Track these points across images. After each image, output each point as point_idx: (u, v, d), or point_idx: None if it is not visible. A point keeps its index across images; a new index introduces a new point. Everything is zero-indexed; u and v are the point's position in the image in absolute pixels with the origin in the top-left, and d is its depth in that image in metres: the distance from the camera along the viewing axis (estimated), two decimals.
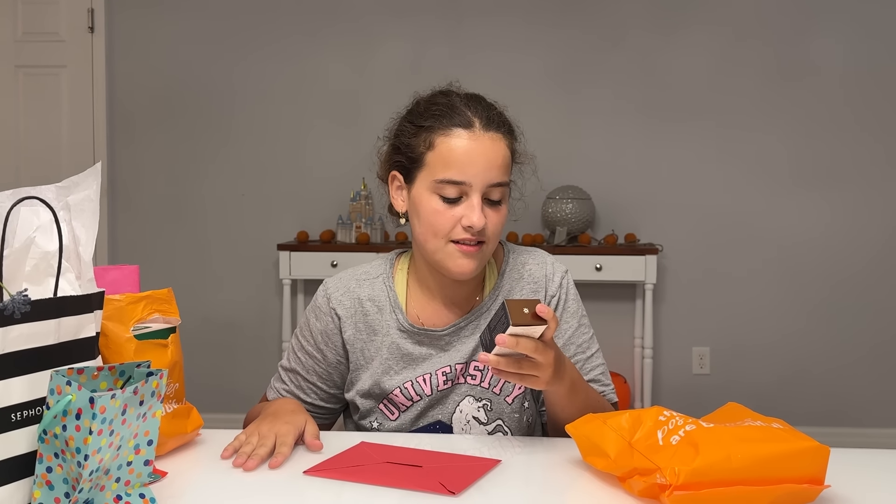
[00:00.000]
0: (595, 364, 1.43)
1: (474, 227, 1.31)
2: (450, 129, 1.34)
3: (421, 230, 1.37)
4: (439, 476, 1.02)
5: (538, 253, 1.48)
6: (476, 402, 1.39)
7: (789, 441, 0.96)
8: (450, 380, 1.39)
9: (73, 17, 3.94)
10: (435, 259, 1.36)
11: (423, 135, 1.36)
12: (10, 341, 0.86)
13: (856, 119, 3.77)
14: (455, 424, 1.39)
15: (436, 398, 1.39)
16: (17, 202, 0.92)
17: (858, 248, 3.78)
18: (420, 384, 1.39)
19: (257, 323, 3.97)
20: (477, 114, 1.35)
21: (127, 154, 4.00)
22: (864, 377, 3.80)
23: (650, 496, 0.97)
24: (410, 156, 1.37)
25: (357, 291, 1.44)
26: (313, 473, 1.06)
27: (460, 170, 1.32)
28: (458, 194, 1.33)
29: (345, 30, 3.90)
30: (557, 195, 3.66)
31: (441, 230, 1.33)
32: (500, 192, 1.35)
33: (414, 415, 1.40)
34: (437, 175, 1.33)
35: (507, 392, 1.39)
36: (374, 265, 1.48)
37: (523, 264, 1.46)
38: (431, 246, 1.35)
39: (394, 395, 1.39)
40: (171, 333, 1.20)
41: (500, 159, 1.34)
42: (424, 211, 1.35)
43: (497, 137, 1.35)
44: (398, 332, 1.41)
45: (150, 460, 0.95)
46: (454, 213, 1.33)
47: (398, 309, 1.42)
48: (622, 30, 3.83)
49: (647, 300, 3.68)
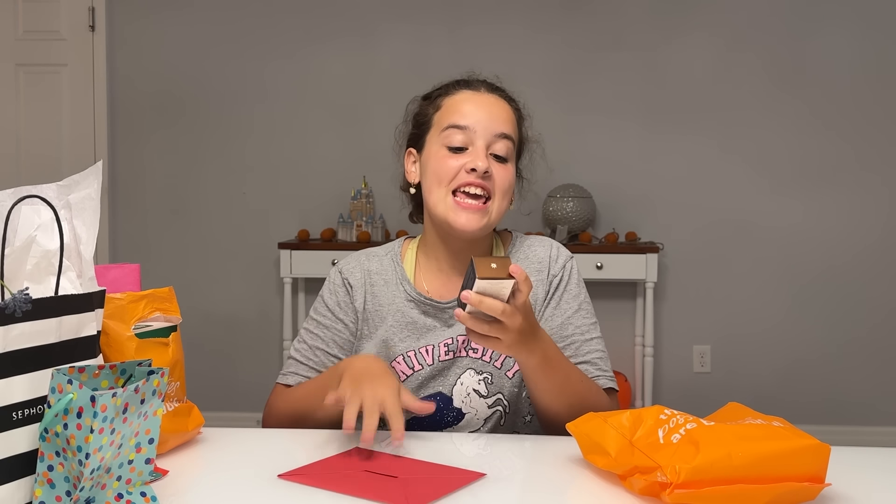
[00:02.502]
0: (593, 348, 1.40)
1: (478, 169, 1.33)
2: (455, 91, 1.42)
3: (427, 184, 1.40)
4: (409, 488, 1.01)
5: (544, 238, 1.51)
6: (477, 375, 1.40)
7: (790, 439, 0.96)
8: (451, 351, 1.41)
9: (74, 16, 3.94)
10: (438, 212, 1.38)
11: (433, 101, 1.44)
12: (11, 340, 0.86)
13: (857, 118, 3.76)
14: (455, 396, 1.40)
15: (437, 369, 1.41)
16: (17, 201, 0.92)
17: (859, 247, 3.78)
18: (423, 354, 1.41)
19: (258, 321, 3.97)
20: (482, 82, 1.44)
21: (128, 152, 4.00)
22: (865, 376, 3.80)
23: (651, 494, 0.97)
24: (420, 122, 1.44)
25: (367, 264, 1.48)
26: (288, 478, 1.06)
27: (463, 116, 1.37)
28: (464, 143, 1.37)
29: (346, 28, 3.90)
30: (558, 193, 3.66)
31: (445, 176, 1.36)
32: (506, 146, 1.38)
33: (415, 385, 1.41)
34: (444, 124, 1.38)
35: (507, 367, 1.41)
36: (383, 246, 1.53)
37: (529, 246, 1.49)
38: (435, 197, 1.38)
39: (396, 362, 1.41)
40: (172, 332, 1.20)
41: (503, 113, 1.40)
42: (431, 162, 1.39)
43: (500, 99, 1.42)
44: (405, 302, 1.43)
45: (151, 459, 0.95)
46: (459, 161, 1.36)
47: (405, 281, 1.45)
48: (623, 28, 3.83)
49: (647, 298, 3.68)
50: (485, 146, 1.36)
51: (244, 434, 1.32)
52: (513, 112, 1.42)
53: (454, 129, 1.36)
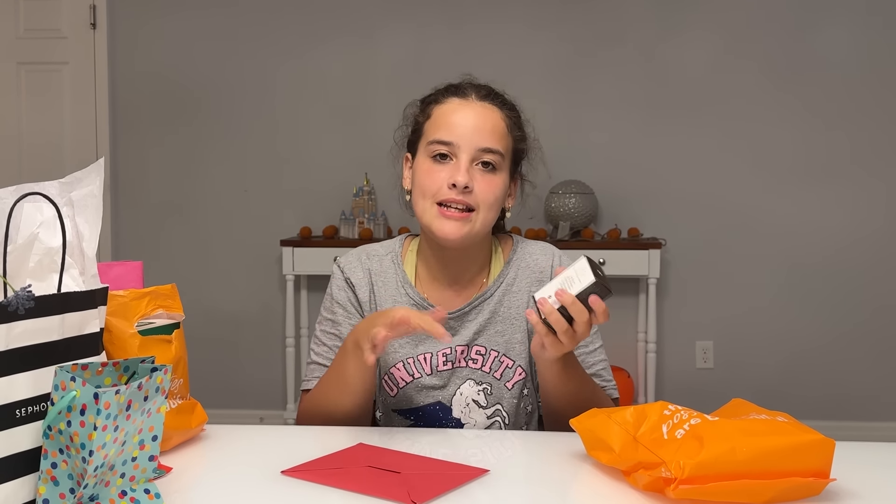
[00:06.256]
0: (598, 359, 1.43)
1: (458, 183, 1.32)
2: (446, 99, 1.40)
3: (414, 194, 1.39)
4: (412, 484, 1.01)
5: (547, 245, 1.49)
6: (477, 385, 1.40)
7: (794, 434, 0.96)
8: (450, 361, 1.40)
9: (75, 14, 3.93)
10: (424, 222, 1.38)
11: (425, 108, 1.42)
12: (15, 337, 0.86)
13: (860, 113, 3.76)
14: (455, 406, 1.40)
15: (436, 378, 1.40)
16: (20, 198, 0.92)
17: (862, 241, 3.77)
18: (420, 362, 1.40)
19: (261, 318, 3.97)
20: (474, 88, 1.40)
21: (129, 150, 4.00)
22: (869, 371, 3.79)
23: (655, 490, 0.97)
24: (414, 128, 1.43)
25: (367, 263, 1.47)
26: (291, 474, 1.06)
27: (448, 130, 1.35)
28: (448, 156, 1.35)
29: (347, 25, 3.90)
30: (560, 190, 3.65)
31: (428, 189, 1.35)
32: (492, 159, 1.35)
33: (413, 392, 1.40)
34: (430, 137, 1.37)
35: (507, 378, 1.41)
36: (384, 243, 1.51)
37: (530, 254, 1.47)
38: (420, 208, 1.37)
39: (396, 368, 1.40)
40: (175, 329, 1.20)
41: (490, 125, 1.36)
42: (418, 174, 1.39)
43: (491, 108, 1.38)
44: (406, 306, 1.39)
45: (154, 456, 0.95)
46: (442, 175, 1.35)
47: (407, 284, 1.43)
48: (625, 23, 3.82)
49: (650, 294, 3.67)
50: (468, 160, 1.33)
51: (247, 431, 1.32)
52: (504, 120, 1.38)
53: (438, 143, 1.35)
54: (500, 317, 1.42)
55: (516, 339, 1.42)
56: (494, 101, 1.39)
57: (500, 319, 1.42)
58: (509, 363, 1.41)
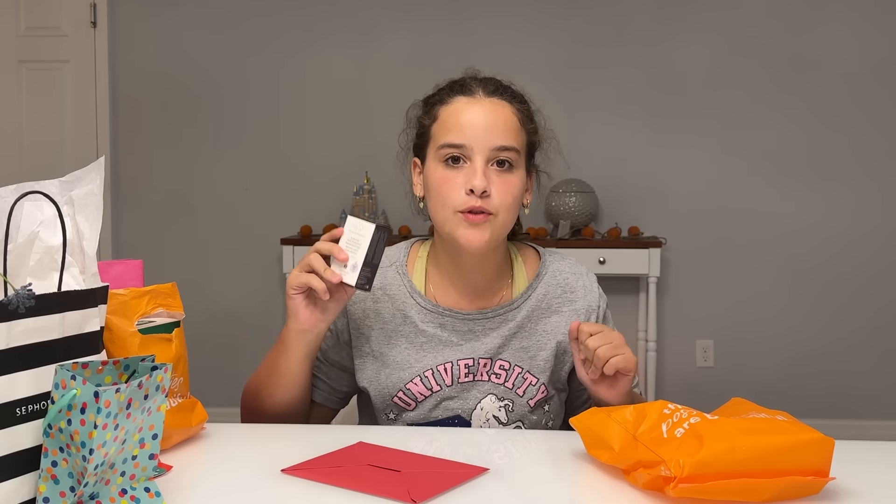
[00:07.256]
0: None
1: (476, 189, 1.26)
2: (451, 98, 1.34)
3: (431, 203, 1.33)
4: (411, 482, 1.01)
5: (576, 263, 1.45)
6: (498, 401, 1.36)
7: (794, 433, 0.96)
8: (472, 373, 1.36)
9: (76, 12, 3.94)
10: (445, 231, 1.32)
11: (430, 110, 1.35)
12: (15, 336, 0.86)
13: (860, 113, 3.76)
14: (474, 421, 1.36)
15: (456, 390, 1.36)
16: (20, 197, 0.92)
17: (862, 240, 3.77)
18: (441, 373, 1.35)
19: (261, 317, 3.98)
20: (480, 84, 1.34)
21: (130, 149, 4.00)
22: (869, 370, 3.79)
23: (655, 488, 0.97)
24: (420, 132, 1.37)
25: None
26: (291, 473, 1.06)
27: (459, 132, 1.29)
28: (460, 159, 1.29)
29: (347, 23, 3.90)
30: (561, 188, 3.65)
31: (447, 199, 1.29)
32: (509, 156, 1.30)
33: (432, 405, 1.36)
34: (440, 142, 1.31)
35: (530, 395, 1.37)
36: (387, 254, 1.43)
37: (560, 272, 1.42)
38: (440, 217, 1.31)
39: (413, 383, 1.35)
40: (175, 328, 1.20)
41: (502, 122, 1.30)
42: (432, 181, 1.32)
43: (500, 103, 1.32)
44: (419, 317, 1.37)
45: (154, 454, 0.95)
46: (458, 181, 1.29)
47: (416, 293, 1.38)
48: (626, 22, 3.82)
49: (650, 293, 3.67)
50: (483, 161, 1.28)
51: (247, 429, 1.32)
52: (516, 114, 1.33)
53: (449, 147, 1.29)
54: (527, 332, 1.38)
55: (542, 357, 1.38)
56: (503, 96, 1.33)
57: (527, 335, 1.38)
58: (533, 380, 1.37)
